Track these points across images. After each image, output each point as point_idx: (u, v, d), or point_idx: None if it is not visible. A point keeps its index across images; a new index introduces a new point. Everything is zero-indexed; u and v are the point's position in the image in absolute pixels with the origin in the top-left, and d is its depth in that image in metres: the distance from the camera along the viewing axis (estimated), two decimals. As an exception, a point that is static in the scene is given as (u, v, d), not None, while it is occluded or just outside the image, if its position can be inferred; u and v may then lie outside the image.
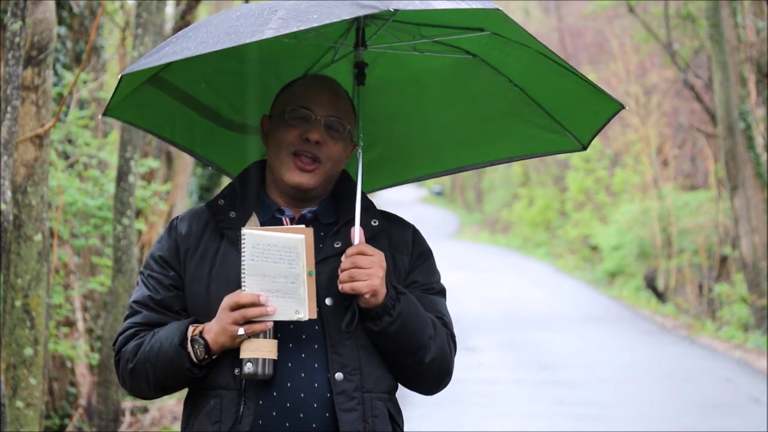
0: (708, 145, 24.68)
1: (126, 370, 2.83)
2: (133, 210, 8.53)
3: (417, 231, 2.99)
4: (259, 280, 2.68)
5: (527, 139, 3.21)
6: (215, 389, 2.76)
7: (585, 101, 3.01)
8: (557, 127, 3.14)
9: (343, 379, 2.75)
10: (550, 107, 3.11)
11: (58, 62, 9.07)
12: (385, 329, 2.77)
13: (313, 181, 2.86)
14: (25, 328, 5.55)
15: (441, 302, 2.95)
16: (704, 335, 17.94)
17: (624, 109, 3.00)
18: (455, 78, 3.18)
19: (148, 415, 9.99)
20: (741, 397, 11.80)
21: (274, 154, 2.89)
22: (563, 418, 10.23)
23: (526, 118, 3.16)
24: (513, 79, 3.10)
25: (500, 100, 3.16)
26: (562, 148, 3.22)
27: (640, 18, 23.10)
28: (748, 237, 17.28)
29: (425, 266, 2.95)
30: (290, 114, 2.86)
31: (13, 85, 5.00)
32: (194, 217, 2.91)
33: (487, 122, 3.23)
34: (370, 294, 2.72)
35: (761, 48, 17.17)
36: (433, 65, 3.17)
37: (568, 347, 15.56)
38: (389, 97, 3.24)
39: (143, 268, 2.92)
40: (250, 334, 2.67)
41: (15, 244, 5.51)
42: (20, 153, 5.54)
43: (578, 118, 3.10)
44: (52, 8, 5.60)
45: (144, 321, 2.84)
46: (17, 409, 5.49)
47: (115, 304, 8.51)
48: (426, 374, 2.87)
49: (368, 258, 2.74)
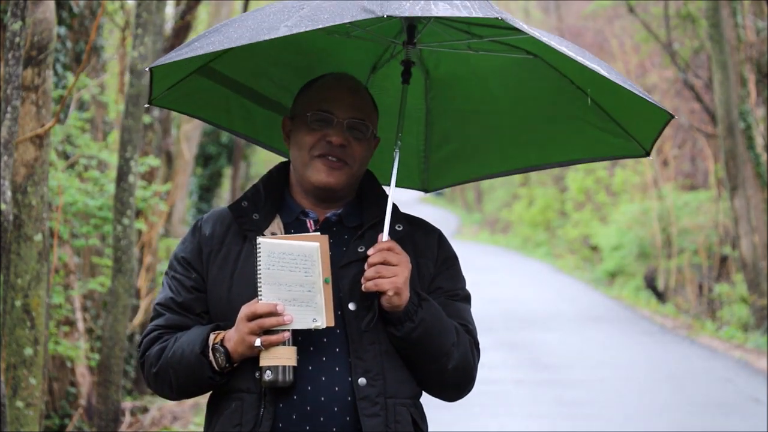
0: (708, 145, 24.67)
1: (150, 374, 2.85)
2: (133, 210, 8.53)
3: (442, 236, 2.98)
4: (275, 289, 2.68)
5: (593, 141, 3.18)
6: (236, 392, 2.77)
7: (640, 107, 2.97)
8: (621, 131, 3.11)
9: (366, 384, 2.75)
10: (613, 111, 3.09)
11: (58, 62, 9.07)
12: (407, 335, 2.77)
13: (340, 181, 2.85)
14: (25, 328, 5.55)
15: (465, 309, 2.94)
16: (704, 335, 17.94)
17: (673, 119, 2.98)
18: (518, 77, 3.17)
19: (148, 415, 9.99)
20: (741, 397, 11.80)
21: (297, 156, 2.88)
22: (563, 418, 10.23)
23: (590, 121, 3.13)
24: (575, 81, 3.08)
25: (564, 102, 3.14)
26: (626, 152, 3.18)
27: (640, 18, 23.09)
28: (747, 237, 17.27)
29: (450, 272, 2.94)
30: (312, 118, 2.85)
31: (13, 85, 5.00)
32: (218, 218, 2.90)
33: (553, 123, 3.21)
34: (393, 292, 2.72)
35: (761, 48, 17.17)
36: (495, 64, 3.14)
37: (568, 347, 15.55)
38: (457, 93, 3.23)
39: (168, 269, 2.93)
40: (267, 345, 2.68)
41: (15, 244, 5.51)
42: (20, 153, 5.54)
43: (638, 124, 3.08)
44: (52, 8, 5.59)
45: (167, 324, 2.85)
46: (17, 409, 5.49)
47: (114, 304, 8.51)
48: (448, 381, 2.86)
49: (397, 256, 2.73)
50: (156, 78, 2.90)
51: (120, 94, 11.56)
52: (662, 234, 25.51)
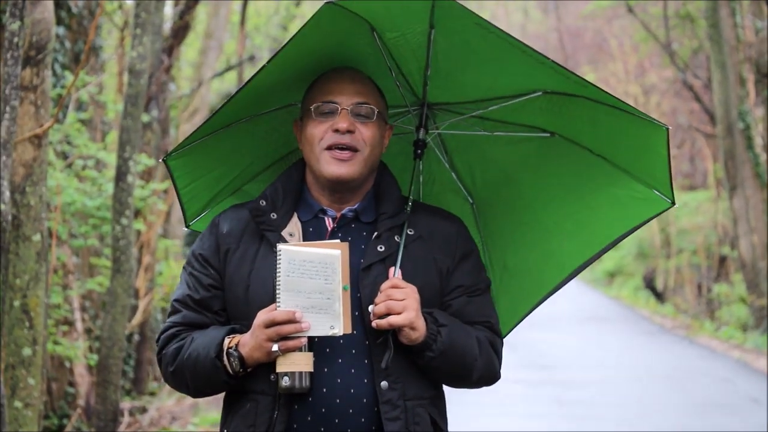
0: (707, 145, 24.68)
1: (168, 372, 2.86)
2: (131, 210, 8.52)
3: (462, 227, 2.95)
4: (294, 296, 2.67)
5: (626, 210, 3.11)
6: (251, 393, 2.78)
7: (641, 137, 2.94)
8: (643, 188, 3.05)
9: (388, 387, 2.75)
10: (629, 165, 3.04)
11: (57, 62, 9.06)
12: (428, 363, 2.78)
13: (353, 171, 2.83)
14: (24, 329, 5.55)
15: (486, 302, 2.93)
16: (703, 335, 17.95)
17: (668, 129, 2.91)
18: (543, 165, 3.13)
19: (147, 416, 9.98)
20: (740, 397, 11.80)
21: (309, 152, 2.87)
22: (562, 418, 10.23)
23: (617, 189, 3.08)
24: (593, 149, 3.05)
25: (590, 179, 3.09)
26: (655, 209, 3.09)
27: (639, 18, 23.09)
28: (746, 237, 17.27)
29: (469, 266, 2.91)
30: (317, 110, 2.85)
31: (11, 85, 4.99)
32: (235, 215, 2.90)
33: (587, 203, 3.14)
34: (408, 327, 2.72)
35: (760, 48, 17.16)
36: (518, 155, 3.13)
37: (568, 347, 15.56)
38: (501, 209, 3.21)
39: (185, 264, 2.92)
40: (284, 351, 2.68)
41: (13, 244, 5.50)
42: (19, 153, 5.54)
43: (649, 163, 3.01)
44: (50, 8, 5.59)
45: (184, 321, 2.85)
46: (16, 410, 5.49)
47: (113, 304, 8.50)
48: (473, 386, 2.91)
49: (402, 290, 2.73)
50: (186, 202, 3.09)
51: (119, 94, 11.56)
52: (661, 234, 25.52)
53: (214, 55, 16.80)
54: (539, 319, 18.78)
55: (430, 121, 3.06)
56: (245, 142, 3.07)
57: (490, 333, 2.90)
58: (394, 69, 2.96)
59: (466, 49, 2.83)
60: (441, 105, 3.06)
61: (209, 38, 16.71)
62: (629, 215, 3.11)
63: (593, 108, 2.92)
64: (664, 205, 3.07)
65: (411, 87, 3.01)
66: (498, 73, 2.90)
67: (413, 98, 3.04)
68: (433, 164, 3.20)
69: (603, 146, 3.04)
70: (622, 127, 2.93)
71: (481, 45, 2.78)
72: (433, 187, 3.24)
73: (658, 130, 2.89)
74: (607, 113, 2.91)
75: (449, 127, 3.10)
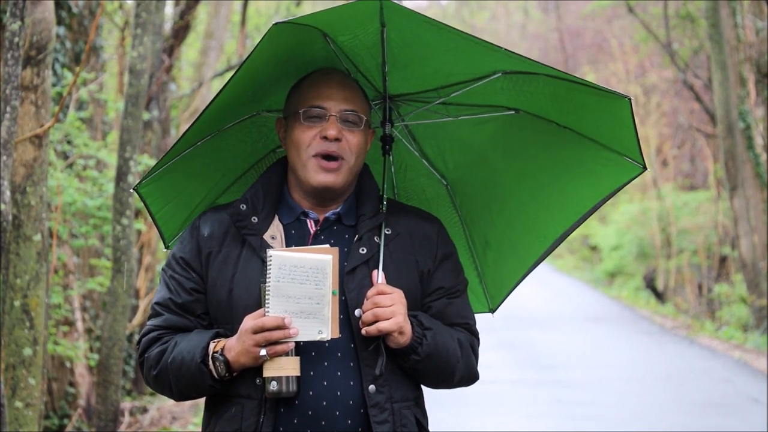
0: (707, 145, 24.68)
1: (150, 375, 2.85)
2: (132, 210, 8.53)
3: (441, 228, 2.98)
4: (283, 301, 2.67)
5: (597, 179, 3.14)
6: (237, 398, 2.77)
7: (605, 109, 2.96)
8: (613, 155, 3.07)
9: (375, 391, 2.77)
10: (596, 134, 3.06)
11: (57, 62, 9.07)
12: (413, 366, 2.81)
13: (339, 180, 2.84)
14: (24, 329, 5.55)
15: (465, 303, 2.96)
16: (703, 335, 17.95)
17: (630, 100, 2.93)
18: (511, 141, 3.16)
19: (147, 416, 9.99)
20: (740, 397, 11.80)
21: (295, 156, 2.87)
22: (562, 418, 10.23)
23: (587, 158, 3.10)
24: (559, 122, 3.06)
25: (559, 149, 3.12)
26: (628, 175, 3.11)
27: (640, 18, 23.09)
28: (747, 237, 17.27)
29: (449, 266, 2.94)
30: (305, 114, 2.85)
31: (12, 85, 5.00)
32: (216, 218, 2.89)
33: (560, 176, 3.17)
34: (397, 332, 2.74)
35: (760, 48, 17.16)
36: (486, 135, 3.15)
37: (568, 347, 15.56)
38: (475, 188, 3.24)
39: (165, 266, 2.91)
40: (272, 356, 2.68)
41: (14, 244, 5.51)
42: (19, 153, 5.54)
43: (616, 132, 3.03)
44: (51, 8, 5.59)
45: (166, 324, 2.84)
46: (16, 410, 5.49)
47: (114, 304, 8.51)
48: (453, 387, 2.95)
49: (389, 296, 2.74)
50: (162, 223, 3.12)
51: (119, 93, 11.56)
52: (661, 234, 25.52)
53: (214, 55, 16.81)
54: (539, 319, 18.79)
55: (395, 113, 3.09)
56: (214, 158, 3.07)
57: (469, 334, 2.93)
58: (352, 69, 2.97)
59: (419, 41, 2.85)
60: (404, 96, 3.07)
61: (210, 38, 16.72)
62: (603, 183, 3.14)
63: (553, 84, 2.94)
64: (636, 170, 3.09)
65: (371, 83, 3.02)
66: (455, 60, 2.92)
67: (375, 93, 3.05)
68: (403, 153, 3.23)
69: (568, 118, 3.06)
70: (585, 100, 2.95)
71: (434, 38, 2.80)
72: (407, 173, 3.26)
73: (620, 101, 2.90)
74: (568, 89, 2.94)
75: (415, 117, 3.12)
